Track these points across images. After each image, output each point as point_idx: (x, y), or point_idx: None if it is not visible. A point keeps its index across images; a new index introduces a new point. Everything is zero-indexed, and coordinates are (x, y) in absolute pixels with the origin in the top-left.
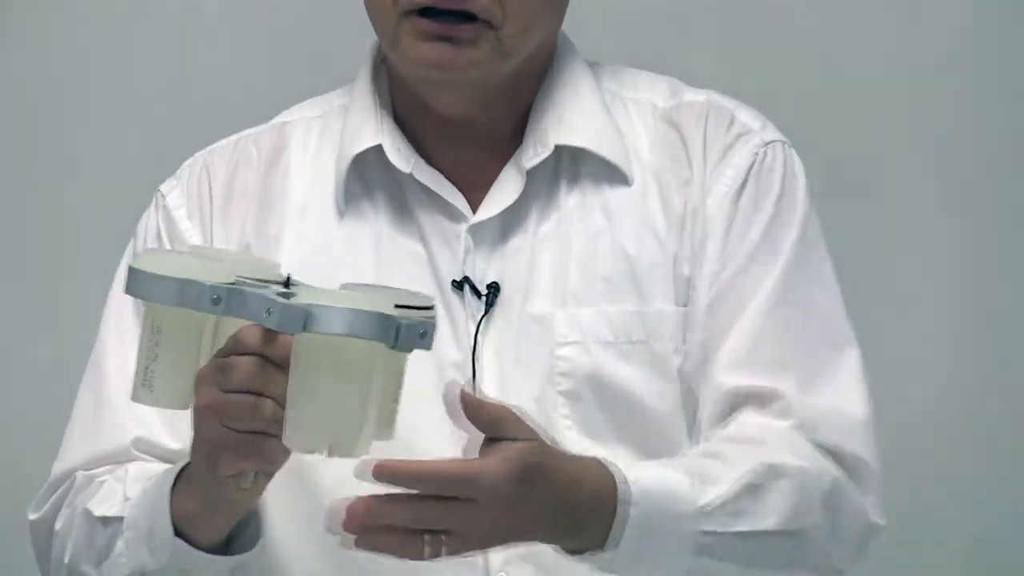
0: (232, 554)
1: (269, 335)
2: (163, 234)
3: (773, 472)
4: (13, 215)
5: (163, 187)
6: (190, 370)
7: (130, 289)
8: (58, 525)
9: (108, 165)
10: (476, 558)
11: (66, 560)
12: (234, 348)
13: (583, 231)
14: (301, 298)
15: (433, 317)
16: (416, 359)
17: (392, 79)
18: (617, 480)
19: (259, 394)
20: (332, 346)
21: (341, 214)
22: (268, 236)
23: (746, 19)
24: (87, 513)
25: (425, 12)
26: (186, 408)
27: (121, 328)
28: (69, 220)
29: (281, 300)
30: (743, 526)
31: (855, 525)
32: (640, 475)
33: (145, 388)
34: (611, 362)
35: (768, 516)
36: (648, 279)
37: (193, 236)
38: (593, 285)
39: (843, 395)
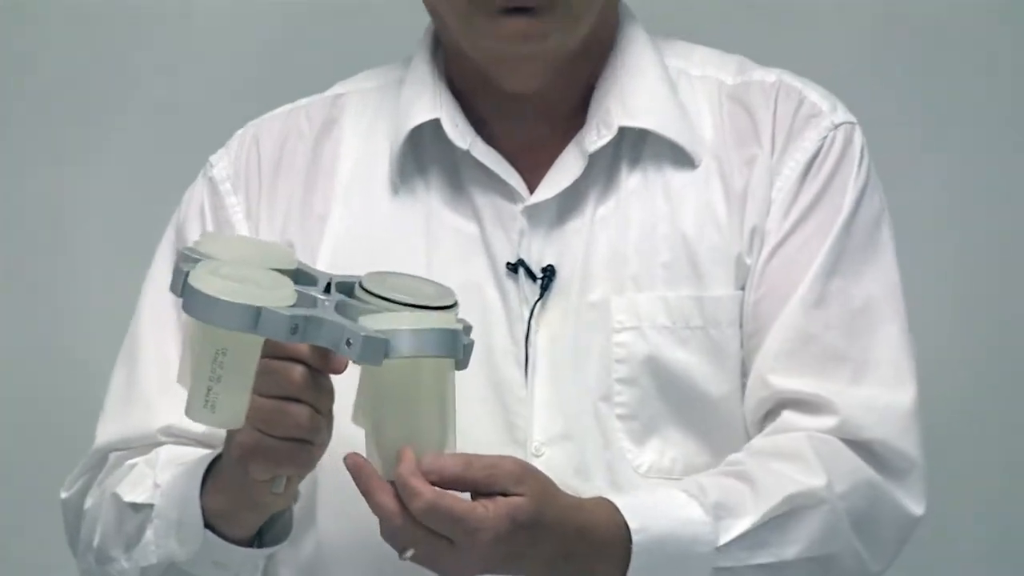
0: (264, 545)
1: None
2: (207, 209)
3: (800, 501)
4: (8, 204)
5: (212, 157)
6: (249, 388)
7: (199, 313)
8: (87, 504)
9: (105, 152)
10: None
11: (95, 543)
12: (273, 352)
13: (642, 215)
14: (374, 323)
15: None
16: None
17: (451, 57)
18: (631, 527)
19: (298, 400)
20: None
21: (395, 190)
22: (314, 212)
23: None
24: (116, 498)
25: None
26: (242, 425)
27: (158, 311)
28: (67, 208)
29: (360, 330)
30: (762, 558)
31: (893, 527)
32: (653, 521)
33: (207, 409)
34: (668, 347)
35: (791, 545)
36: (707, 264)
37: (237, 212)
38: (651, 270)
39: (890, 385)
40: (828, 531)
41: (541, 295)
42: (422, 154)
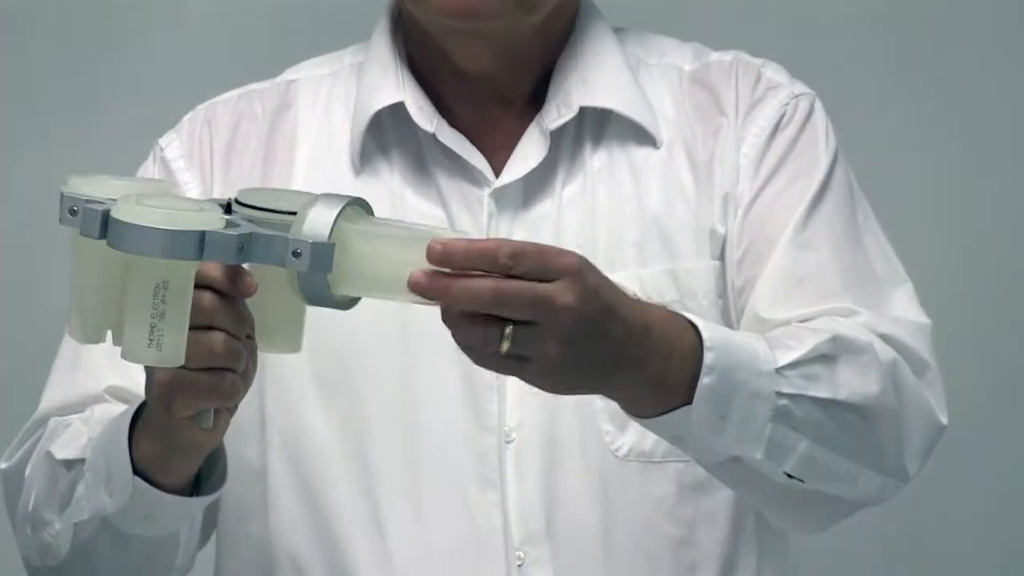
0: (199, 495)
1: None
2: None
3: (845, 345)
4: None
5: (161, 140)
6: (187, 319)
7: (139, 247)
8: (28, 472)
9: (98, 144)
10: (496, 538)
11: (30, 508)
12: None
13: (610, 194)
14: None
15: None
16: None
17: (412, 36)
18: (698, 325)
19: (210, 328)
20: None
21: (356, 172)
22: None
23: None
24: (50, 456)
25: None
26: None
27: None
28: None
29: (308, 237)
30: (819, 391)
31: (921, 419)
32: (716, 329)
33: (153, 348)
34: None
35: (842, 387)
36: (678, 239)
37: (192, 190)
38: (622, 249)
39: (903, 312)
40: (877, 379)
41: None
42: (383, 136)
